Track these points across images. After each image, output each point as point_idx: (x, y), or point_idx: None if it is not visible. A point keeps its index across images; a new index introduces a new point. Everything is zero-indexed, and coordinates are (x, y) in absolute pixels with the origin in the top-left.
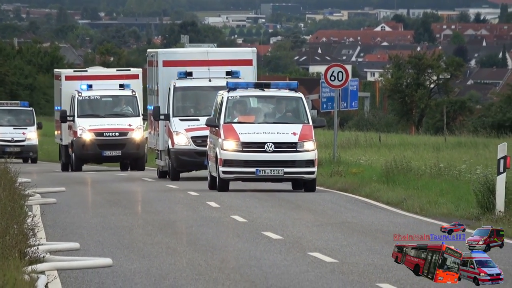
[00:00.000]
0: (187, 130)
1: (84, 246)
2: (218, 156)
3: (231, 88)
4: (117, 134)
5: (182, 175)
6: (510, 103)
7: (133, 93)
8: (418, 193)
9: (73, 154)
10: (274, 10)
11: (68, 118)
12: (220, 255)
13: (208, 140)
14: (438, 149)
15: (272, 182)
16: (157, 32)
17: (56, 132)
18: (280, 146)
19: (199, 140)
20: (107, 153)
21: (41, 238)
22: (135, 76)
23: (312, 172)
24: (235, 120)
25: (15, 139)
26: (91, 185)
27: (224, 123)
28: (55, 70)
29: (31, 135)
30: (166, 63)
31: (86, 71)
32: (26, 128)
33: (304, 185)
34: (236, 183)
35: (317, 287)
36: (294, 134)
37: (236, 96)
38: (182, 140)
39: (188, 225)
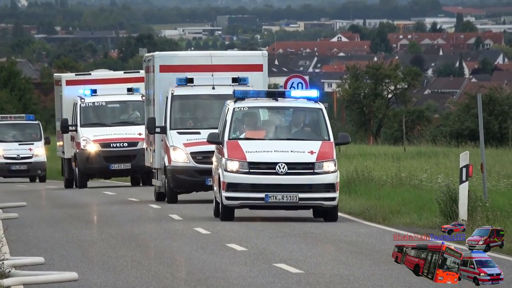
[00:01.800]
0: (186, 145)
1: (48, 260)
2: (221, 179)
3: (238, 97)
4: (125, 144)
5: (180, 197)
6: (468, 112)
7: (143, 97)
8: (380, 203)
9: (76, 169)
10: (230, 22)
11: (70, 128)
12: (186, 268)
13: (213, 159)
14: (398, 159)
15: (286, 210)
16: (114, 45)
17: (58, 145)
18: (294, 167)
19: (200, 157)
20: (115, 166)
21: (5, 253)
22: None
23: (333, 198)
24: (242, 136)
25: (21, 156)
26: (52, 199)
27: (229, 139)
28: (55, 74)
29: (39, 151)
30: (164, 68)
31: (90, 74)
32: (32, 144)
33: (324, 213)
34: (243, 210)
35: None
36: (312, 152)
37: (243, 107)
38: (180, 156)
39: (151, 238)
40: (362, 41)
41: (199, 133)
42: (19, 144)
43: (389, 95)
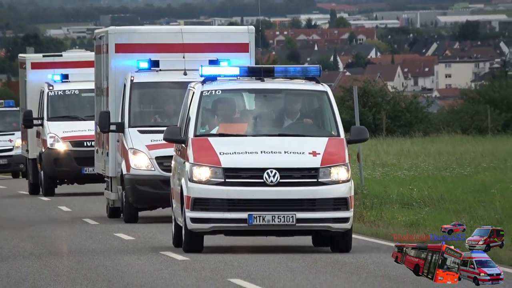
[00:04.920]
0: (150, 148)
1: None
2: (184, 193)
3: (208, 77)
4: None
5: (141, 213)
6: (343, 104)
7: None
8: None
9: (41, 172)
10: (113, 21)
11: (35, 122)
12: (76, 257)
13: (172, 164)
14: None
15: (277, 237)
16: (1, 45)
17: (21, 142)
18: (290, 175)
19: (168, 163)
20: (89, 170)
21: None
22: None
23: (345, 219)
24: (214, 132)
25: (0, 148)
26: None
27: (195, 136)
28: (19, 55)
29: (21, 143)
30: (121, 48)
31: (61, 55)
32: (13, 134)
33: (332, 240)
34: (216, 236)
35: (172, 284)
36: (315, 154)
37: (215, 91)
38: (142, 162)
39: (41, 229)
40: None
41: None
42: None
43: None
